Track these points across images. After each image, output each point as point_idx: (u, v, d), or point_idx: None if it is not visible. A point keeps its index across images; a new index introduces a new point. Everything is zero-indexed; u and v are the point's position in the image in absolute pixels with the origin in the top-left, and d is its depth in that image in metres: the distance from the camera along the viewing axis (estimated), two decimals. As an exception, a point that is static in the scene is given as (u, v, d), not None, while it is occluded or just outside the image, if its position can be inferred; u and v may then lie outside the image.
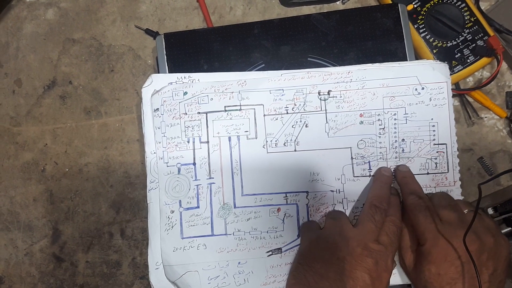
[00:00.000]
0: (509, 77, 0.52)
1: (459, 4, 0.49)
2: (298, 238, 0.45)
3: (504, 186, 0.49)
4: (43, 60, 0.53)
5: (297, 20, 0.48)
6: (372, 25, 0.48)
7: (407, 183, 0.44)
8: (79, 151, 0.52)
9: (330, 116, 0.46)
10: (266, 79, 0.46)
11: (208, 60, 0.48)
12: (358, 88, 0.46)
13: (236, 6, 0.53)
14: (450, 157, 0.45)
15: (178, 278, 0.45)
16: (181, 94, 0.46)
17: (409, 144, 0.45)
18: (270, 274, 0.44)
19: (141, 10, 0.54)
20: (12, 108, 0.52)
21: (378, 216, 0.41)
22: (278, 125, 0.46)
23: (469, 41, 0.49)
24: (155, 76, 0.46)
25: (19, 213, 0.52)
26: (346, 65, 0.47)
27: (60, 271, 0.51)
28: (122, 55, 0.53)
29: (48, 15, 0.54)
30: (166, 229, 0.45)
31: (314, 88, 0.46)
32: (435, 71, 0.45)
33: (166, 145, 0.46)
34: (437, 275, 0.38)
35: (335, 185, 0.45)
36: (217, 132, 0.46)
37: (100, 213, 0.51)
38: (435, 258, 0.39)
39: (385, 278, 0.39)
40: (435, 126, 0.45)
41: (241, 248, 0.45)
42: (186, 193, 0.46)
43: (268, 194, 0.45)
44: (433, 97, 0.45)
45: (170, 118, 0.46)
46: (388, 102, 0.46)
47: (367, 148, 0.46)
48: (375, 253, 0.39)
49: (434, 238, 0.39)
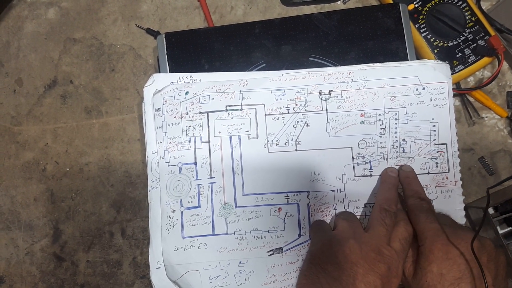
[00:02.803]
0: (510, 77, 0.52)
1: (460, 4, 0.49)
2: (299, 238, 0.45)
3: (505, 186, 0.49)
4: (44, 60, 0.53)
5: (298, 19, 0.48)
6: (373, 24, 0.48)
7: (409, 183, 0.43)
8: (79, 151, 0.52)
9: (331, 116, 0.46)
10: (267, 79, 0.46)
11: (209, 60, 0.48)
12: (359, 88, 0.46)
13: (237, 5, 0.53)
14: (451, 157, 0.45)
15: (179, 278, 0.45)
16: (183, 93, 0.46)
17: (409, 144, 0.45)
18: (271, 273, 0.44)
19: (142, 9, 0.53)
20: (13, 107, 0.53)
21: (388, 219, 0.40)
22: (279, 124, 0.46)
23: (470, 41, 0.49)
24: (156, 76, 0.46)
25: (20, 213, 0.52)
26: (347, 65, 0.47)
27: (60, 270, 0.51)
28: (123, 55, 0.53)
29: (49, 14, 0.54)
30: (167, 229, 0.45)
31: (315, 88, 0.46)
32: (436, 71, 0.45)
33: (167, 145, 0.46)
34: (440, 275, 0.38)
35: (336, 185, 0.45)
36: (218, 132, 0.46)
37: (101, 213, 0.51)
38: (436, 257, 0.38)
39: (394, 284, 0.39)
40: (436, 126, 0.45)
41: (242, 247, 0.45)
42: (187, 192, 0.46)
43: (269, 193, 0.45)
44: (434, 97, 0.45)
45: (171, 118, 0.46)
46: (389, 102, 0.46)
47: (368, 148, 0.46)
48: (388, 258, 0.38)
49: (435, 235, 0.39)
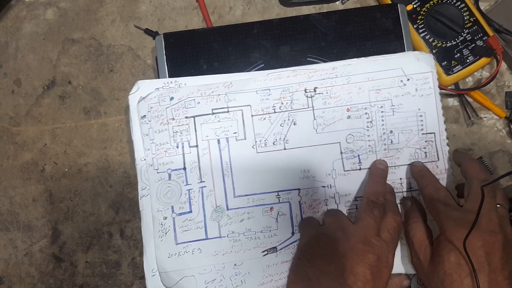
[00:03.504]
0: (509, 77, 0.52)
1: (459, 4, 0.49)
2: (293, 236, 0.45)
3: (504, 186, 0.49)
4: (42, 60, 0.53)
5: (297, 20, 0.48)
6: (372, 25, 0.48)
7: (423, 176, 0.43)
8: (78, 151, 0.52)
9: (317, 112, 0.46)
10: (252, 80, 0.46)
11: (208, 60, 0.48)
12: (343, 83, 0.46)
13: (235, 6, 0.53)
14: (440, 146, 0.46)
15: (174, 284, 0.44)
16: (168, 99, 0.46)
17: (397, 135, 0.46)
18: (267, 273, 0.44)
19: (141, 10, 0.53)
20: (12, 108, 0.52)
21: (376, 211, 0.41)
22: (267, 124, 0.46)
23: (468, 41, 0.49)
24: (141, 83, 0.47)
25: (18, 213, 0.52)
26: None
27: (59, 271, 0.51)
28: (121, 55, 0.53)
29: (48, 15, 0.54)
30: (160, 236, 0.45)
31: (300, 86, 0.46)
32: (419, 61, 0.46)
33: (156, 152, 0.46)
34: (458, 265, 0.36)
35: (326, 181, 0.46)
36: (206, 136, 0.46)
37: (100, 213, 0.51)
38: (456, 247, 0.37)
39: (385, 274, 0.39)
40: (423, 116, 0.46)
41: (236, 249, 0.45)
42: (178, 198, 0.45)
43: (260, 194, 0.45)
44: (419, 88, 0.46)
45: (157, 124, 0.46)
46: (374, 95, 0.46)
47: (356, 142, 0.46)
48: (377, 248, 0.38)
49: (455, 225, 0.38)
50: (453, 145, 0.51)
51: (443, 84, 0.49)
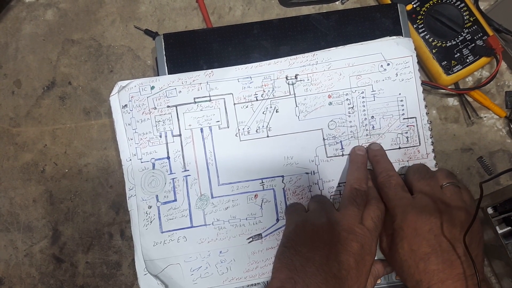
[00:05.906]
0: (509, 76, 0.52)
1: (458, 4, 0.49)
2: (277, 223, 0.45)
3: (504, 185, 0.49)
4: (42, 61, 0.53)
5: (297, 20, 0.48)
6: (372, 25, 0.48)
7: (378, 161, 0.44)
8: (78, 152, 0.52)
9: (299, 99, 0.46)
10: (233, 68, 0.47)
11: (208, 61, 0.48)
12: (324, 69, 0.46)
13: (235, 6, 0.53)
14: (421, 130, 0.46)
15: (160, 272, 0.45)
16: (148, 88, 0.46)
17: (378, 120, 0.46)
18: (252, 260, 0.45)
19: (141, 10, 0.53)
20: (12, 109, 0.52)
21: (359, 198, 0.41)
22: (249, 112, 0.46)
23: (468, 41, 0.49)
24: (122, 83, 0.47)
25: (18, 214, 0.52)
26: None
27: (60, 272, 0.51)
28: (121, 56, 0.53)
29: (47, 15, 0.54)
30: (145, 225, 0.45)
31: (281, 73, 0.46)
32: (399, 46, 0.46)
33: (139, 141, 0.46)
34: (410, 251, 0.38)
35: (310, 167, 0.46)
36: (189, 124, 0.46)
37: (100, 214, 0.51)
38: (406, 234, 0.39)
39: (368, 261, 0.39)
40: (404, 100, 0.46)
41: (221, 237, 0.45)
42: (162, 187, 0.46)
43: (244, 181, 0.46)
44: (399, 72, 0.46)
45: (139, 114, 0.46)
46: (355, 81, 0.46)
47: (338, 128, 0.46)
48: (361, 236, 0.39)
49: (404, 212, 0.39)
50: (453, 145, 0.51)
51: (443, 84, 0.49)
